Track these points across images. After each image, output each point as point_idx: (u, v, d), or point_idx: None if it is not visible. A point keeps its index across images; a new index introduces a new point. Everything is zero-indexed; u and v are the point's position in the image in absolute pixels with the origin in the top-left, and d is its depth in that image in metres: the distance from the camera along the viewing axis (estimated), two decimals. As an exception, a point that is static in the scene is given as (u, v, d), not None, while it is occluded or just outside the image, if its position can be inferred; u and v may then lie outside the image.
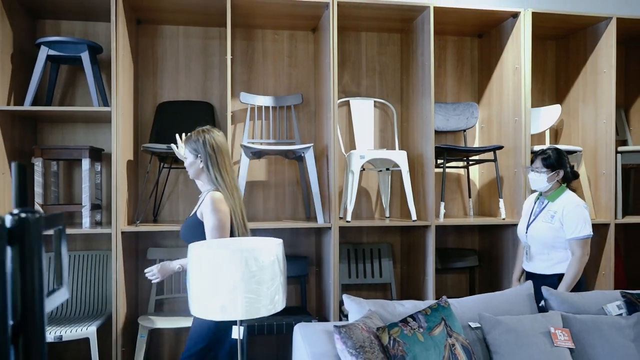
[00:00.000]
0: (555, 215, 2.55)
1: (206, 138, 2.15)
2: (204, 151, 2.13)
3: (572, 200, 2.56)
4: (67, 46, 2.82)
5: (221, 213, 2.07)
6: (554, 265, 2.58)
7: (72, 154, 2.84)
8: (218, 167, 2.13)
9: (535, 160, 2.62)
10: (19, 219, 0.60)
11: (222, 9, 2.99)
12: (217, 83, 3.37)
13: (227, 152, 2.20)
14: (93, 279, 3.13)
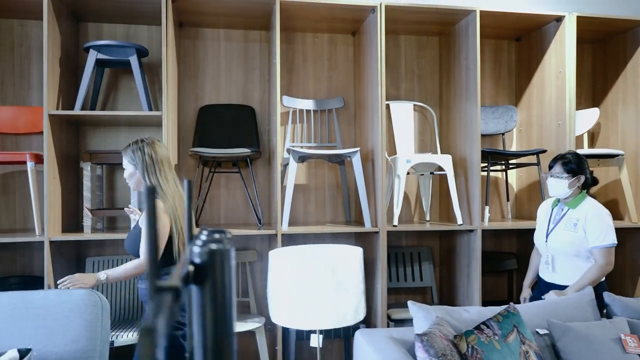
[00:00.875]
0: (579, 223, 2.43)
1: (143, 148, 2.11)
2: (141, 161, 2.10)
3: (595, 207, 2.44)
4: (116, 50, 2.80)
5: (161, 221, 2.05)
6: (575, 273, 2.45)
7: (118, 158, 2.82)
8: (156, 177, 2.10)
9: (555, 165, 2.50)
10: (210, 251, 0.50)
11: (262, 12, 2.98)
12: (257, 86, 3.36)
13: (168, 161, 2.15)
14: (132, 282, 3.11)
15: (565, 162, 2.47)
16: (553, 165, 2.51)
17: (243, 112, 3.27)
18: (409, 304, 2.18)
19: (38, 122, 3.03)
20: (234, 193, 3.31)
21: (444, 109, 3.48)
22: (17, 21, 3.10)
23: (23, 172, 3.08)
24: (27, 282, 3.01)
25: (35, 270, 3.09)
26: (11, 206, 3.07)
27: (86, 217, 2.77)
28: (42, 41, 3.12)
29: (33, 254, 3.09)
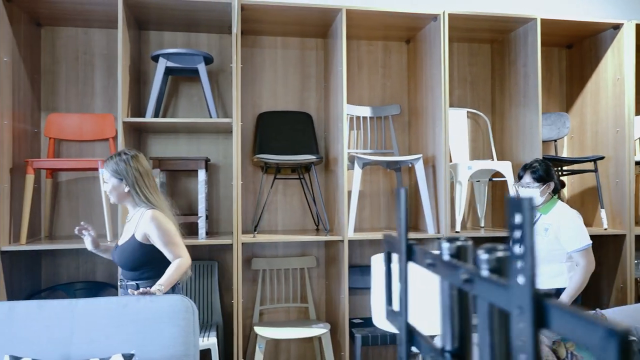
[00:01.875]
0: (550, 228, 2.48)
1: (130, 162, 2.13)
2: (130, 175, 2.11)
3: (565, 212, 2.50)
4: (184, 58, 2.84)
5: (169, 224, 2.12)
6: (549, 279, 2.49)
7: (188, 165, 2.85)
8: (148, 189, 2.14)
9: (524, 175, 2.54)
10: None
11: (320, 20, 3.01)
12: (314, 93, 3.39)
13: (150, 171, 2.21)
14: (199, 289, 3.13)
15: (534, 170, 2.50)
16: (522, 175, 2.55)
17: (301, 118, 3.30)
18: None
19: (103, 129, 3.06)
20: (291, 199, 3.34)
21: (497, 116, 3.50)
22: (82, 29, 3.14)
23: (86, 179, 3.11)
24: (92, 288, 3.04)
25: (98, 276, 3.12)
26: (74, 213, 3.10)
27: (155, 223, 2.79)
28: (105, 49, 3.16)
29: (96, 259, 3.11)
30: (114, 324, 1.99)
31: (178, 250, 2.13)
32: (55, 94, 3.10)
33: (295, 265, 3.26)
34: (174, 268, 2.10)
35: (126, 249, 2.15)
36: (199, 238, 2.84)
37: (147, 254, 2.13)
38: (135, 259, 2.13)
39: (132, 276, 2.18)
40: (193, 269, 3.14)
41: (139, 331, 1.99)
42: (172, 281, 2.09)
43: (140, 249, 2.12)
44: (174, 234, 2.13)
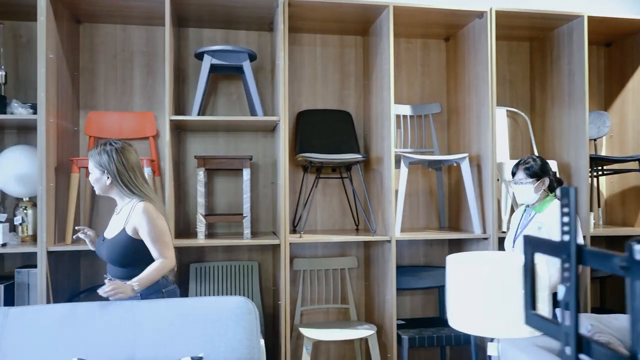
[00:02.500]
0: (543, 227, 2.39)
1: (112, 154, 2.06)
2: (111, 168, 2.05)
3: (558, 210, 2.35)
4: (230, 55, 2.79)
5: (160, 220, 2.05)
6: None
7: (232, 163, 2.81)
8: (132, 182, 2.08)
9: (517, 172, 2.47)
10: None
11: (361, 17, 2.97)
12: (353, 92, 3.35)
13: (138, 165, 2.12)
14: (238, 290, 3.09)
15: (527, 167, 2.44)
16: (516, 172, 2.49)
17: (340, 117, 3.25)
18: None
19: (144, 128, 3.02)
20: (330, 199, 3.29)
21: (538, 115, 3.46)
22: (120, 26, 3.09)
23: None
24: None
25: (137, 276, 3.07)
26: (112, 212, 3.05)
27: (200, 223, 2.75)
28: (144, 46, 3.11)
29: (135, 259, 3.07)
30: (177, 325, 1.95)
31: (164, 249, 2.05)
32: (94, 91, 3.06)
33: (336, 266, 3.21)
34: (154, 268, 2.02)
35: (115, 243, 2.07)
36: (244, 238, 2.79)
37: (137, 249, 2.05)
38: (125, 254, 2.05)
39: (120, 274, 2.10)
40: (232, 269, 3.10)
41: (204, 333, 1.95)
42: (150, 281, 2.01)
43: (131, 244, 2.04)
44: (163, 231, 2.05)
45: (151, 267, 2.02)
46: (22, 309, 1.92)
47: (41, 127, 2.49)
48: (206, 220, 2.77)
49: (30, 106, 2.63)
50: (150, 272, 2.01)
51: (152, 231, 2.01)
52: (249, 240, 2.73)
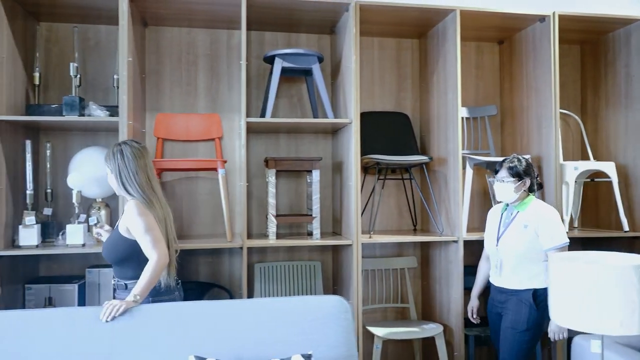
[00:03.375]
0: (529, 225, 2.43)
1: (114, 151, 2.09)
2: (113, 165, 2.08)
3: (544, 208, 2.45)
4: (300, 58, 2.84)
5: (146, 216, 2.02)
6: (528, 279, 2.43)
7: (302, 165, 2.85)
8: (132, 179, 2.06)
9: (501, 170, 2.51)
10: None
11: (420, 20, 3.01)
12: (410, 94, 3.40)
13: (143, 166, 2.10)
14: (301, 290, 3.14)
15: (511, 166, 2.47)
16: (499, 170, 2.52)
17: (398, 119, 3.30)
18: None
19: (210, 130, 3.06)
20: (388, 200, 3.34)
21: (589, 117, 3.51)
22: (185, 29, 3.14)
23: (189, 179, 3.11)
24: (198, 288, 3.03)
25: (201, 276, 3.12)
26: (178, 213, 3.10)
27: (271, 223, 2.80)
28: (208, 49, 3.16)
29: (199, 260, 3.11)
30: (279, 324, 1.99)
31: (153, 245, 2.00)
32: (160, 93, 3.10)
33: (396, 266, 3.26)
34: (149, 273, 1.99)
35: (109, 240, 2.12)
36: (313, 238, 2.84)
37: (129, 248, 2.06)
38: (117, 252, 2.08)
39: (119, 273, 2.13)
40: (295, 269, 3.15)
41: (304, 332, 1.99)
42: (149, 287, 1.99)
43: (123, 243, 2.07)
44: (149, 223, 2.02)
45: (145, 274, 1.99)
46: (135, 307, 1.96)
47: (123, 129, 2.53)
48: (277, 220, 2.81)
49: (106, 108, 2.67)
50: (147, 279, 1.98)
51: (138, 224, 2.00)
52: (319, 241, 2.78)
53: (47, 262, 2.97)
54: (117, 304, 1.91)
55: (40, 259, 2.96)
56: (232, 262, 3.16)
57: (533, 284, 2.42)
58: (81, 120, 2.57)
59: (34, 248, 2.53)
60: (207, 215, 3.13)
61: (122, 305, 1.91)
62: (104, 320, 1.87)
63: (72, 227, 2.55)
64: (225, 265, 3.15)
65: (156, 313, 1.95)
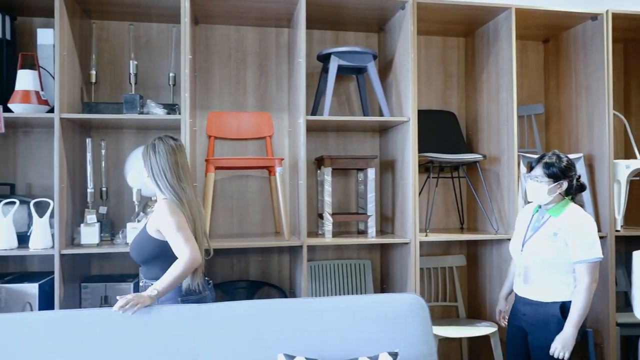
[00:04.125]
0: (560, 232, 2.15)
1: (151, 152, 2.04)
2: (150, 165, 2.04)
3: (579, 216, 2.16)
4: (356, 56, 2.83)
5: (177, 215, 1.96)
6: (555, 291, 2.18)
7: (357, 163, 2.85)
8: (167, 183, 2.01)
9: (536, 167, 2.22)
10: None
11: (467, 18, 3.01)
12: (455, 92, 3.40)
13: (179, 167, 2.05)
14: (350, 289, 3.13)
15: (547, 165, 2.19)
16: (534, 167, 2.24)
17: (446, 117, 3.29)
18: None
19: (261, 128, 3.06)
20: (435, 197, 3.33)
21: (633, 115, 3.52)
22: (234, 27, 3.13)
23: (239, 177, 3.09)
24: (250, 287, 3.02)
25: (251, 275, 3.11)
26: (228, 211, 3.09)
27: (327, 221, 2.79)
28: (257, 47, 3.15)
29: (249, 258, 3.11)
30: (360, 322, 1.99)
31: (182, 245, 1.93)
32: (209, 92, 3.09)
33: (445, 264, 3.26)
34: (176, 271, 1.92)
35: (137, 240, 2.08)
36: (369, 237, 2.84)
37: (156, 248, 2.02)
38: (144, 251, 2.04)
39: (146, 273, 2.09)
40: (345, 267, 3.14)
41: (383, 329, 1.99)
42: (172, 284, 1.92)
43: (151, 243, 2.03)
44: (179, 222, 1.95)
45: (172, 270, 1.93)
46: (211, 306, 1.96)
47: (185, 127, 2.53)
48: (333, 219, 2.81)
49: (163, 106, 2.66)
50: (171, 275, 1.92)
51: (169, 226, 1.95)
52: (376, 239, 2.78)
53: (99, 260, 2.96)
54: (133, 300, 1.84)
55: (92, 258, 2.94)
56: (280, 260, 3.15)
57: (560, 297, 2.17)
58: (142, 118, 2.56)
59: (94, 246, 2.52)
60: (256, 213, 3.12)
61: (137, 304, 1.84)
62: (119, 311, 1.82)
63: (133, 226, 2.54)
64: (274, 264, 3.15)
65: (240, 311, 1.95)
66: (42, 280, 2.59)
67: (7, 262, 2.85)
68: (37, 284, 2.53)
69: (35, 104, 2.48)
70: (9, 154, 2.87)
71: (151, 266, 2.07)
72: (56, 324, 1.84)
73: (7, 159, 2.87)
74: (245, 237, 2.88)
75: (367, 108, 3.10)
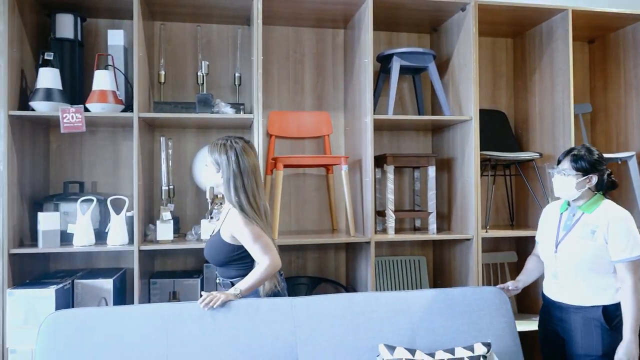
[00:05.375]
0: (598, 230, 2.04)
1: (230, 155, 1.99)
2: (227, 170, 1.99)
3: (616, 212, 2.05)
4: (416, 57, 2.90)
5: (251, 225, 1.97)
6: (595, 294, 2.05)
7: (419, 161, 2.92)
8: (244, 189, 1.99)
9: (564, 160, 2.13)
10: None
11: (516, 19, 3.07)
12: (504, 92, 3.46)
13: (256, 170, 2.04)
14: (406, 284, 3.19)
15: (575, 158, 2.09)
16: (562, 160, 2.15)
17: (496, 116, 3.36)
18: None
19: (320, 127, 3.11)
20: (484, 195, 3.40)
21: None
22: (292, 28, 3.19)
23: (296, 176, 3.15)
24: (309, 283, 3.08)
25: (309, 271, 3.17)
26: (286, 208, 3.15)
27: (390, 218, 2.85)
28: (314, 48, 3.21)
29: (307, 255, 3.17)
30: (445, 314, 2.05)
31: (264, 252, 1.97)
32: (268, 91, 3.15)
33: (495, 260, 3.32)
34: (259, 275, 1.96)
35: (212, 244, 2.10)
36: (429, 233, 2.90)
37: (232, 252, 2.03)
38: (221, 255, 2.06)
39: (224, 273, 2.11)
40: (400, 264, 3.20)
41: (473, 322, 2.05)
42: (254, 286, 1.97)
43: (225, 247, 2.04)
44: (257, 231, 1.97)
45: (255, 273, 1.97)
46: (306, 299, 2.02)
47: (258, 126, 2.59)
48: (395, 215, 2.87)
49: (231, 105, 2.72)
50: (256, 278, 1.96)
51: (246, 236, 1.97)
52: (438, 235, 2.84)
53: (162, 257, 3.02)
54: (217, 295, 1.92)
55: (156, 254, 3.00)
56: (337, 257, 3.22)
57: (601, 300, 2.04)
58: (215, 118, 2.61)
59: (169, 243, 2.58)
60: (313, 210, 3.18)
61: (221, 297, 1.91)
62: (203, 308, 1.89)
63: (206, 223, 2.60)
64: (330, 261, 3.21)
65: (333, 304, 2.01)
66: (115, 276, 2.65)
67: (74, 259, 2.91)
68: (111, 279, 2.59)
69: (112, 104, 2.54)
70: (75, 152, 2.93)
71: (228, 267, 2.10)
72: (170, 315, 1.90)
73: (73, 158, 2.93)
74: (303, 234, 2.93)
75: (422, 107, 3.17)
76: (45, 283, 2.48)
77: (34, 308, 2.36)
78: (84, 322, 1.84)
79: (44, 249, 2.44)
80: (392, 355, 1.81)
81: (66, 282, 2.52)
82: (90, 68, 2.86)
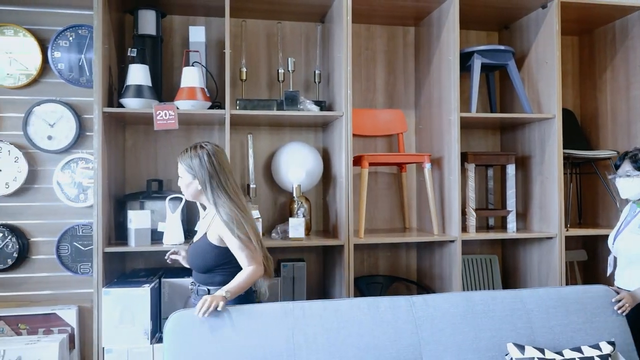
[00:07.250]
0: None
1: (202, 156, 1.94)
2: (201, 171, 1.94)
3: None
4: (497, 54, 2.88)
5: (240, 229, 1.92)
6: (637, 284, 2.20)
7: (499, 159, 2.90)
8: (223, 188, 1.94)
9: (622, 163, 2.27)
10: None
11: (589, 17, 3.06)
12: (570, 90, 3.45)
13: (230, 170, 2.00)
14: (478, 283, 3.18)
15: (635, 159, 2.23)
16: (620, 164, 2.30)
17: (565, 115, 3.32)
18: None
19: (395, 125, 3.09)
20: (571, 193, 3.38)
21: None
22: (364, 26, 3.17)
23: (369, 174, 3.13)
24: (382, 282, 3.06)
25: (380, 270, 3.15)
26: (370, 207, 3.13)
27: (471, 217, 2.84)
28: (385, 45, 3.19)
29: (378, 253, 3.15)
30: (560, 313, 2.03)
31: (250, 259, 1.92)
32: (340, 89, 3.12)
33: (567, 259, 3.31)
34: (245, 275, 1.91)
35: (197, 248, 2.01)
36: (508, 231, 2.89)
37: (219, 256, 1.97)
38: (206, 260, 1.98)
39: (203, 279, 2.03)
40: (470, 262, 3.19)
41: (586, 320, 2.04)
42: (241, 289, 1.90)
43: (212, 251, 1.97)
44: (245, 243, 1.92)
45: (242, 275, 1.91)
46: (425, 297, 2.00)
47: (348, 124, 2.57)
48: (476, 214, 2.85)
49: (315, 103, 2.70)
50: (243, 280, 1.90)
51: (232, 243, 1.93)
52: (512, 234, 2.83)
53: (237, 256, 2.98)
54: (208, 300, 1.80)
55: (232, 253, 2.97)
56: (408, 256, 3.20)
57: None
58: (301, 115, 2.59)
59: (270, 241, 2.55)
60: (384, 209, 3.16)
61: (213, 302, 1.79)
62: (200, 316, 1.79)
63: (295, 221, 2.57)
64: (402, 260, 3.19)
65: (453, 302, 1.99)
66: (199, 275, 2.62)
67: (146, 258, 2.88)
68: (195, 278, 2.56)
69: (201, 100, 2.51)
70: (150, 151, 2.90)
71: (214, 273, 2.00)
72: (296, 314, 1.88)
73: (147, 155, 2.90)
74: (375, 232, 2.91)
75: (495, 105, 3.16)
76: (137, 282, 2.46)
77: (129, 307, 2.34)
78: (207, 321, 1.81)
79: (136, 247, 2.41)
80: (522, 355, 1.79)
81: (156, 281, 2.49)
82: (168, 64, 2.83)
